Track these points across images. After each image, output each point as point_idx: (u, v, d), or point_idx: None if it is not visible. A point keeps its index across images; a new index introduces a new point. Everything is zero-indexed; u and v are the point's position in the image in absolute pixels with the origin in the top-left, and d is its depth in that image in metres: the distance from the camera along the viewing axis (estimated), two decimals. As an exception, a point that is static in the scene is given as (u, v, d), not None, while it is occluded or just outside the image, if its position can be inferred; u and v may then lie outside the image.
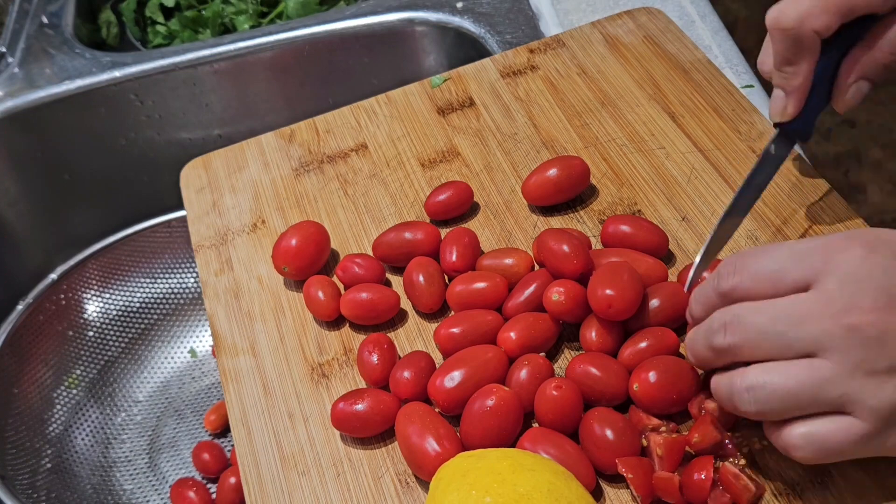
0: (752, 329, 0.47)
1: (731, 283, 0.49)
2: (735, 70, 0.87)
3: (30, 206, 1.04)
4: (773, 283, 0.47)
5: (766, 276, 0.48)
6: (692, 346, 0.52)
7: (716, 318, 0.49)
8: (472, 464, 0.51)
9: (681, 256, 0.66)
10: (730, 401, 0.49)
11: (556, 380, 0.56)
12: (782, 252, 0.48)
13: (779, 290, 0.47)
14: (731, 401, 0.49)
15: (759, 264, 0.48)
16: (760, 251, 0.49)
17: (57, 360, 1.01)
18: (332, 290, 0.66)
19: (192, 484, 0.90)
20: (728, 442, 0.54)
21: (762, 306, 0.47)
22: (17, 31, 1.07)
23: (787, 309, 0.46)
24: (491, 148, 0.76)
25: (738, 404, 0.48)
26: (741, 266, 0.49)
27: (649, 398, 0.55)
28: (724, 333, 0.48)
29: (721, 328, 0.49)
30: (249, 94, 1.05)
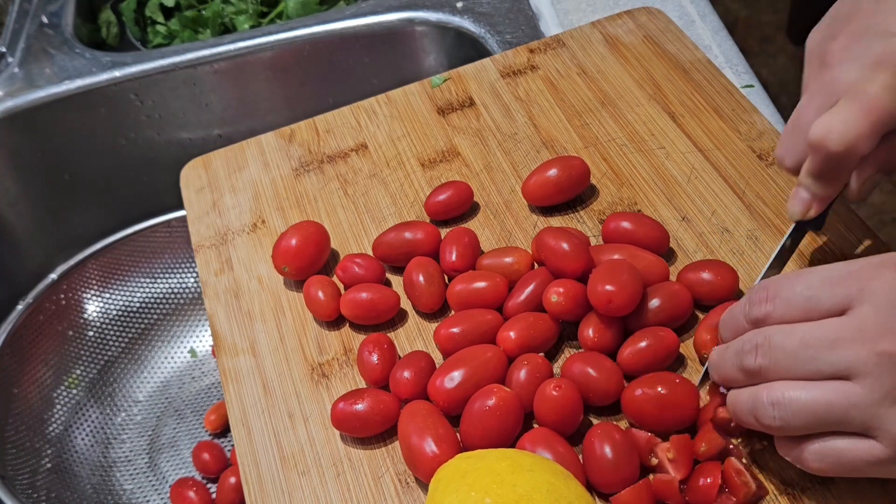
0: (782, 351, 0.47)
1: (764, 311, 0.49)
2: (735, 70, 0.87)
3: (30, 206, 1.04)
4: (806, 311, 0.47)
5: (799, 304, 0.47)
6: (720, 367, 0.52)
7: (747, 340, 0.49)
8: (472, 465, 0.51)
9: (681, 256, 0.66)
10: (751, 413, 0.48)
11: (556, 380, 0.56)
12: (814, 279, 0.47)
13: (812, 317, 0.47)
14: (754, 413, 0.48)
15: (793, 291, 0.48)
16: (793, 277, 0.48)
17: (57, 360, 1.01)
18: (332, 290, 0.66)
19: (192, 484, 0.90)
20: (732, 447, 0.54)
21: (795, 329, 0.47)
22: (17, 31, 1.07)
23: (820, 332, 0.46)
24: (491, 148, 0.76)
25: (760, 418, 0.48)
26: (773, 293, 0.49)
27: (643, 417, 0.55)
28: (755, 355, 0.48)
29: (752, 350, 0.48)
30: (249, 94, 1.05)
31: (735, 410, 0.50)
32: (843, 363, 0.45)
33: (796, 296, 0.48)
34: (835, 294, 0.46)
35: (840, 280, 0.47)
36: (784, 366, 0.47)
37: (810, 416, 0.46)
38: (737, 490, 0.52)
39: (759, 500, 0.53)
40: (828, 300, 0.46)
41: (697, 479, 0.53)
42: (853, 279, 0.46)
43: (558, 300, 0.59)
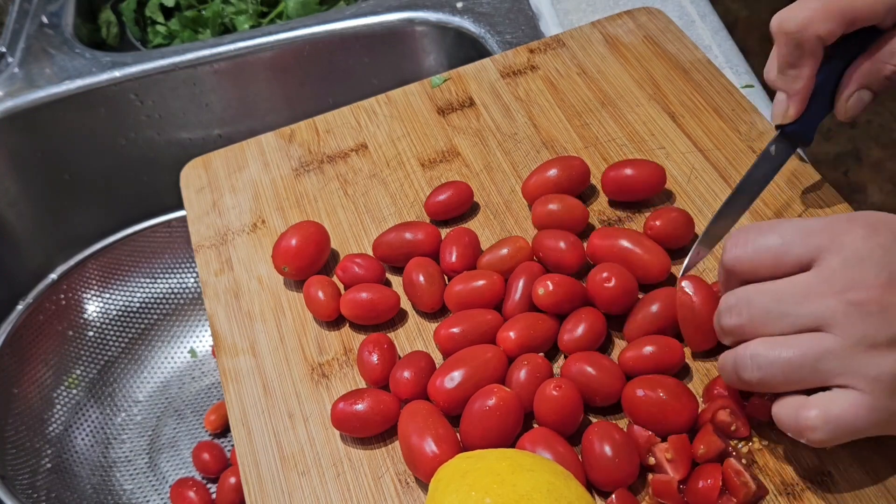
0: (756, 308, 0.49)
1: (735, 255, 0.51)
2: (735, 70, 0.87)
3: (30, 206, 1.04)
4: (775, 259, 0.49)
5: (769, 251, 0.49)
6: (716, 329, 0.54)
7: (723, 301, 0.51)
8: (472, 464, 0.51)
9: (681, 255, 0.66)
10: (734, 371, 0.50)
11: (556, 380, 0.56)
12: (787, 229, 0.49)
13: (781, 265, 0.49)
14: (735, 370, 0.50)
15: (765, 239, 0.50)
16: (766, 226, 0.50)
17: (57, 360, 1.01)
18: (332, 290, 0.66)
19: (192, 484, 0.90)
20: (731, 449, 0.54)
21: (766, 287, 0.49)
22: (17, 31, 1.07)
23: (791, 288, 0.48)
24: (491, 148, 0.76)
25: (741, 372, 0.49)
26: (745, 239, 0.51)
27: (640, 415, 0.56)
28: (730, 315, 0.50)
29: (728, 310, 0.50)
30: (249, 94, 1.05)
31: (722, 373, 0.52)
32: (814, 315, 0.47)
33: (767, 244, 0.50)
34: (804, 245, 0.48)
35: (812, 232, 0.49)
36: (760, 322, 0.49)
37: (787, 365, 0.47)
38: (736, 491, 0.52)
39: (759, 500, 0.53)
40: (797, 250, 0.48)
41: (697, 480, 0.53)
42: (825, 232, 0.48)
43: (545, 292, 0.60)
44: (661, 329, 0.59)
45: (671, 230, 0.64)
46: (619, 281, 0.60)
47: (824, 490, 0.53)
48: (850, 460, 0.54)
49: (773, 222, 0.51)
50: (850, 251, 0.47)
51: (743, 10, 2.38)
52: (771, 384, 0.49)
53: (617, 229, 0.65)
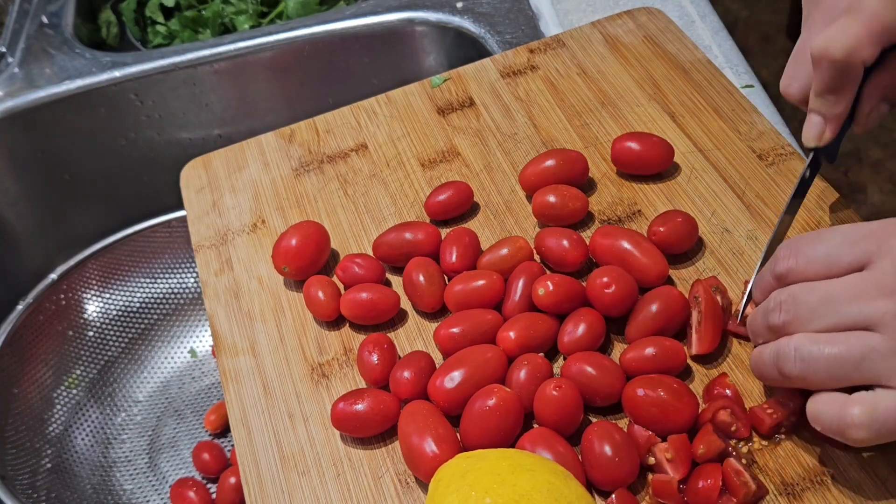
0: (805, 306, 0.49)
1: (787, 266, 0.51)
2: (735, 70, 0.87)
3: (30, 206, 1.04)
4: (827, 267, 0.49)
5: (820, 260, 0.50)
6: (752, 326, 0.54)
7: (772, 298, 0.51)
8: (472, 464, 0.51)
9: (683, 260, 0.66)
10: (773, 363, 0.50)
11: (556, 380, 0.56)
12: (836, 237, 0.50)
13: (832, 273, 0.49)
14: (776, 363, 0.50)
15: (814, 249, 0.50)
16: (815, 236, 0.51)
17: (57, 360, 1.01)
18: (332, 290, 0.66)
19: (192, 484, 0.90)
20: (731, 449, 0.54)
21: (816, 286, 0.49)
22: (17, 31, 1.07)
23: (841, 288, 0.48)
24: (491, 148, 0.76)
25: (782, 364, 0.49)
26: (796, 250, 0.51)
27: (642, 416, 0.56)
28: (779, 312, 0.50)
29: (777, 307, 0.51)
30: (249, 94, 1.05)
31: (758, 366, 0.52)
32: (862, 315, 0.47)
33: (817, 253, 0.50)
34: (854, 251, 0.49)
35: (859, 239, 0.49)
36: (807, 319, 0.49)
37: (832, 363, 0.47)
38: (736, 491, 0.52)
39: (759, 500, 0.53)
40: (847, 256, 0.49)
41: (697, 480, 0.53)
42: (872, 238, 0.49)
43: (545, 293, 0.60)
44: (661, 329, 0.59)
45: (675, 236, 0.64)
46: (618, 286, 0.60)
47: (824, 490, 0.53)
48: (850, 460, 0.54)
49: (820, 232, 0.51)
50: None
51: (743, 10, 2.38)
52: (812, 379, 0.49)
53: (619, 229, 0.65)
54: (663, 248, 0.64)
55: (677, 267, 0.65)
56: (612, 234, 0.64)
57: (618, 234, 0.64)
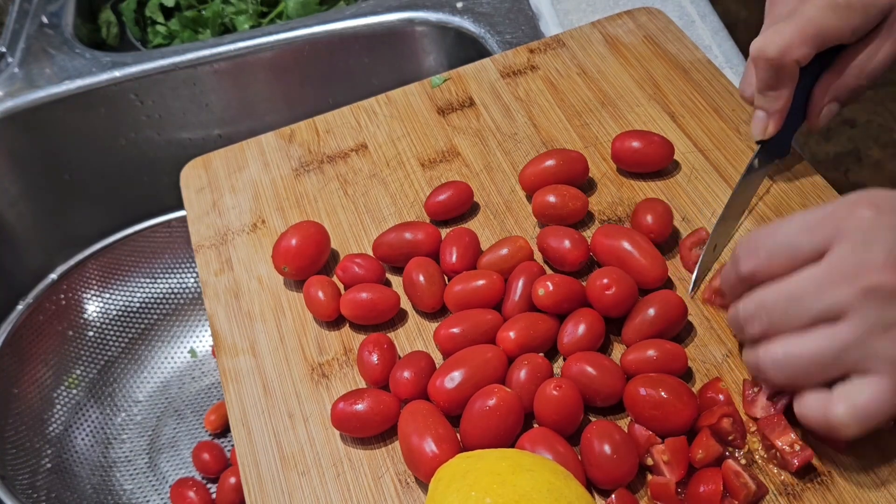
0: (776, 311, 0.50)
1: (750, 267, 0.52)
2: (735, 70, 0.87)
3: (30, 206, 1.04)
4: (789, 259, 0.50)
5: (780, 253, 0.50)
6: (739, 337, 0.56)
7: (741, 310, 0.52)
8: (472, 464, 0.51)
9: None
10: (758, 374, 0.52)
11: (556, 380, 0.56)
12: (793, 227, 0.50)
13: (796, 263, 0.49)
14: (761, 376, 0.52)
15: (773, 242, 0.51)
16: (773, 228, 0.51)
17: (57, 360, 1.01)
18: (332, 290, 0.66)
19: (192, 484, 0.90)
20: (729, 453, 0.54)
21: (780, 287, 0.50)
22: (17, 31, 1.07)
23: (804, 282, 0.49)
24: (491, 148, 0.76)
25: (765, 375, 0.51)
26: (755, 247, 0.51)
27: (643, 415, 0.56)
28: (752, 324, 0.51)
29: (749, 319, 0.51)
30: (249, 94, 1.05)
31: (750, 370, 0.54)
32: (829, 306, 0.48)
33: (777, 246, 0.50)
34: (814, 239, 0.49)
35: (817, 224, 0.49)
36: (781, 322, 0.50)
37: (808, 364, 0.48)
38: (737, 492, 0.52)
39: (759, 500, 0.53)
40: (807, 245, 0.49)
41: (698, 485, 0.53)
42: (829, 221, 0.49)
43: (545, 293, 0.60)
44: (659, 333, 0.59)
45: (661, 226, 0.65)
46: (619, 288, 0.60)
47: (824, 490, 0.53)
48: (850, 460, 0.54)
49: (779, 223, 0.51)
50: (856, 237, 0.48)
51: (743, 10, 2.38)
52: (796, 383, 0.50)
53: (621, 229, 0.65)
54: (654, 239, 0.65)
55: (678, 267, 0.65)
56: (613, 234, 0.64)
57: (619, 234, 0.64)
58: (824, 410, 0.49)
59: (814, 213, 0.50)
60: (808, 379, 0.49)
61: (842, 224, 0.48)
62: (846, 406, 0.48)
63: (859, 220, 0.48)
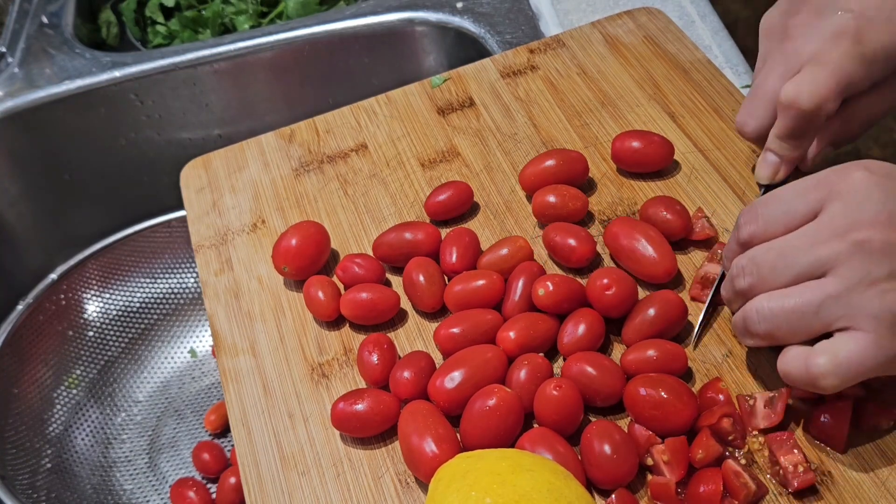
0: (766, 265, 0.50)
1: (748, 232, 0.52)
2: (735, 70, 0.87)
3: (30, 206, 1.04)
4: (785, 224, 0.50)
5: (777, 219, 0.51)
6: (725, 296, 0.55)
7: (735, 265, 0.52)
8: (472, 464, 0.51)
9: (681, 258, 0.66)
10: (745, 330, 0.52)
11: (556, 380, 0.56)
12: (788, 193, 0.51)
13: (791, 228, 0.50)
14: (746, 329, 0.51)
15: (771, 209, 0.51)
16: (770, 196, 0.52)
17: (57, 360, 1.01)
18: (332, 290, 0.66)
19: (192, 484, 0.90)
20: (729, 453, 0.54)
21: (772, 244, 0.50)
22: (17, 31, 1.07)
23: (796, 240, 0.49)
24: (491, 148, 0.76)
25: (749, 326, 0.51)
26: (755, 214, 0.52)
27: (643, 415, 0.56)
28: (742, 276, 0.51)
29: (740, 272, 0.52)
30: (249, 94, 1.05)
31: (738, 334, 0.53)
32: (819, 260, 0.48)
33: (773, 212, 0.51)
34: (808, 201, 0.50)
35: (811, 187, 0.50)
36: (769, 279, 0.50)
37: (792, 316, 0.49)
38: (737, 492, 0.52)
39: (759, 500, 0.53)
40: (802, 207, 0.50)
41: (698, 485, 0.53)
42: (822, 185, 0.50)
43: (545, 293, 0.60)
44: (658, 334, 0.59)
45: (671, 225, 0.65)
46: (619, 288, 0.60)
47: (824, 490, 0.53)
48: (850, 460, 0.54)
49: (773, 192, 0.52)
50: (849, 195, 0.48)
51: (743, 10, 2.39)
52: (778, 335, 0.50)
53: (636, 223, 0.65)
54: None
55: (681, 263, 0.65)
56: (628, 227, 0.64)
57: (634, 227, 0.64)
58: (805, 362, 0.49)
59: (808, 178, 0.51)
60: (792, 333, 0.49)
61: (835, 186, 0.49)
62: (827, 358, 0.48)
63: (852, 181, 0.49)
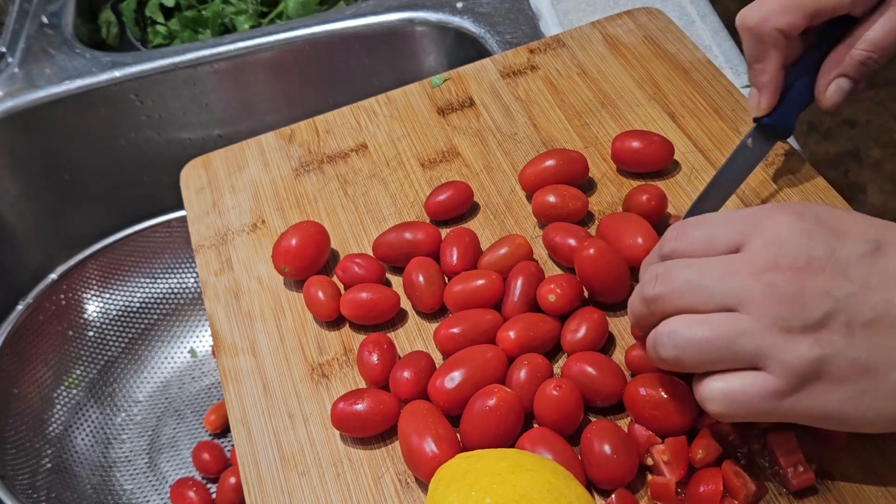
0: (679, 280, 0.49)
1: (671, 247, 0.51)
2: (735, 70, 0.87)
3: (30, 206, 1.04)
4: (706, 248, 0.50)
5: (700, 241, 0.50)
6: (630, 303, 0.53)
7: (650, 271, 0.51)
8: (472, 465, 0.51)
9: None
10: (653, 349, 0.50)
11: (556, 380, 0.56)
12: (716, 219, 0.51)
13: (711, 253, 0.49)
14: (654, 348, 0.49)
15: (697, 230, 0.51)
16: (701, 219, 0.51)
17: (57, 360, 1.01)
18: (332, 290, 0.66)
19: (192, 484, 0.90)
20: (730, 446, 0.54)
21: (692, 262, 0.49)
22: (17, 31, 1.07)
23: (714, 264, 0.48)
24: (491, 148, 0.76)
25: (658, 350, 0.49)
26: (681, 233, 0.51)
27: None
28: (654, 283, 0.50)
29: (652, 279, 0.50)
30: (249, 94, 1.05)
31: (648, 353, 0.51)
32: (731, 292, 0.47)
33: (700, 234, 0.50)
34: (732, 231, 0.49)
35: (739, 220, 0.49)
36: (679, 293, 0.49)
37: (703, 344, 0.47)
38: (737, 492, 0.52)
39: (759, 499, 0.53)
40: (725, 237, 0.49)
41: (698, 485, 0.53)
42: (750, 219, 0.49)
43: (556, 299, 0.60)
44: None
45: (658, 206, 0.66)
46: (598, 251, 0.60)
47: (824, 490, 0.53)
48: (850, 460, 0.54)
49: (707, 215, 0.52)
50: (772, 234, 0.47)
51: (743, 10, 2.38)
52: (687, 363, 0.48)
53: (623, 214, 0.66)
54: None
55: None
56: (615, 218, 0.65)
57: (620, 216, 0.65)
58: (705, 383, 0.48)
59: (739, 211, 0.50)
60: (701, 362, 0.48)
61: (761, 223, 0.48)
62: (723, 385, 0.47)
63: (778, 222, 0.48)
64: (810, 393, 0.46)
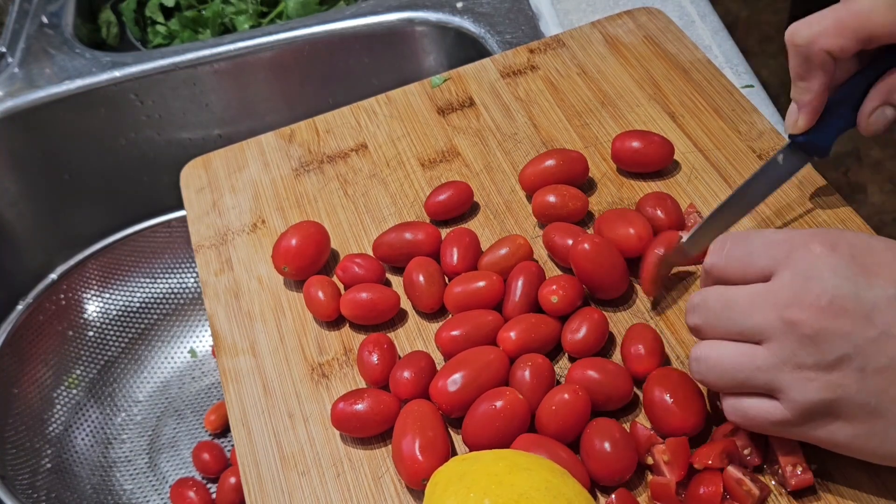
0: (712, 312, 0.51)
1: (711, 262, 0.53)
2: (735, 70, 0.87)
3: (30, 206, 1.04)
4: (742, 269, 0.51)
5: (738, 260, 0.51)
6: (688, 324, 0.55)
7: (691, 300, 0.53)
8: (468, 466, 0.51)
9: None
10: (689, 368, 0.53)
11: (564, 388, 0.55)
12: (757, 239, 0.51)
13: (747, 274, 0.50)
14: (689, 366, 0.53)
15: (737, 249, 0.52)
16: (743, 236, 0.52)
17: (57, 360, 1.01)
18: (332, 290, 0.66)
19: (192, 484, 0.90)
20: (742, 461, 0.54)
21: (722, 292, 0.51)
22: (17, 31, 1.07)
23: (743, 295, 0.50)
24: (491, 148, 0.76)
25: (692, 367, 0.52)
26: (722, 247, 0.52)
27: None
28: (692, 314, 0.52)
29: (691, 309, 0.53)
30: (249, 94, 1.05)
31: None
32: (755, 326, 0.49)
33: (737, 253, 0.51)
34: (766, 256, 0.50)
35: (775, 244, 0.50)
36: (712, 324, 0.51)
37: (722, 373, 0.50)
38: (742, 500, 0.52)
39: (764, 500, 0.53)
40: (760, 261, 0.50)
41: (698, 487, 0.52)
42: (785, 244, 0.49)
43: (559, 300, 0.60)
44: None
45: None
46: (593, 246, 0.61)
47: (824, 490, 0.53)
48: (850, 460, 0.54)
49: (749, 232, 0.52)
50: (800, 267, 0.48)
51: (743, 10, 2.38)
52: (711, 385, 0.52)
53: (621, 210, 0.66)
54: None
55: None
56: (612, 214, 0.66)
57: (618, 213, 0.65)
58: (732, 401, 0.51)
59: (778, 233, 0.51)
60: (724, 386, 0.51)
61: (793, 252, 0.48)
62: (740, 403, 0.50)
63: (808, 253, 0.48)
64: (820, 426, 0.48)
